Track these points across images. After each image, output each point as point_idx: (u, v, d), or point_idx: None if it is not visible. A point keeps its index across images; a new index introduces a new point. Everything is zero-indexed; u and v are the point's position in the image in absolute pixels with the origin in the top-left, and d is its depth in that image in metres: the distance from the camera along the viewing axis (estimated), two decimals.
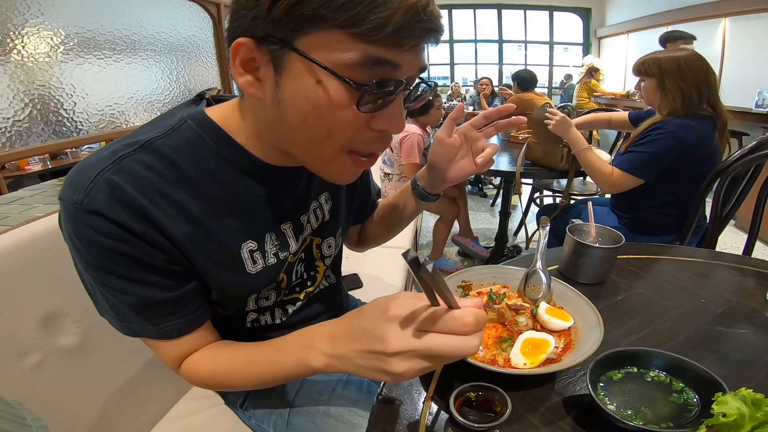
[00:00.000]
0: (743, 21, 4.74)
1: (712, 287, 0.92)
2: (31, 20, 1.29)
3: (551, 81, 9.05)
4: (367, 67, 0.45)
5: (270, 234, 0.68)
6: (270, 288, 0.72)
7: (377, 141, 0.54)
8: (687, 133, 1.48)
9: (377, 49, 0.44)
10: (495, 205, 4.31)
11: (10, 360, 0.71)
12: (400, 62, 0.47)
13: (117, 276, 0.54)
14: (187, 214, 0.57)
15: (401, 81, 0.49)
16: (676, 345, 0.72)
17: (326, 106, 0.48)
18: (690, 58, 1.51)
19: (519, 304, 0.73)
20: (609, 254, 0.89)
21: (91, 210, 0.50)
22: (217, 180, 0.60)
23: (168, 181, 0.55)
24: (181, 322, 0.60)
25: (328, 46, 0.45)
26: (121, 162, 0.53)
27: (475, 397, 0.57)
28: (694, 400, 0.55)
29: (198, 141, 0.58)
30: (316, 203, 0.77)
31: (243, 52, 0.49)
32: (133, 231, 0.52)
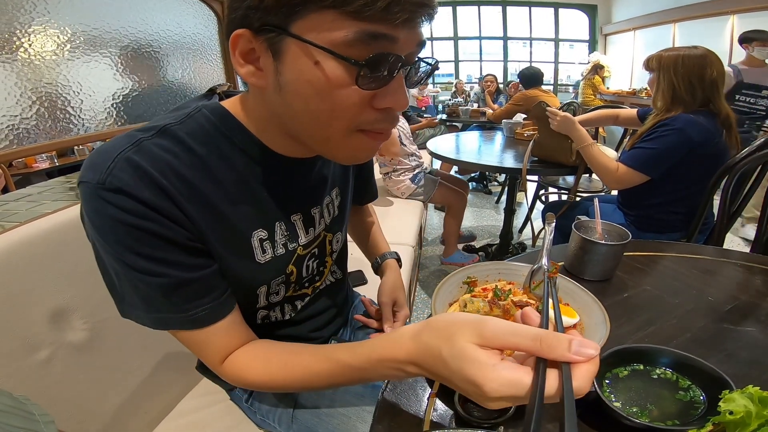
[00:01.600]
0: (751, 18, 4.69)
1: (719, 285, 0.91)
2: (37, 18, 1.30)
3: (557, 78, 8.99)
4: (363, 43, 0.45)
5: (280, 223, 0.68)
6: (280, 281, 0.72)
7: (383, 120, 0.54)
8: (694, 130, 1.47)
9: (371, 25, 0.45)
10: (500, 202, 4.30)
11: (19, 355, 0.72)
12: (397, 36, 0.46)
13: (144, 257, 0.53)
14: (202, 197, 0.57)
15: (400, 56, 0.48)
16: (682, 342, 0.71)
17: (327, 86, 0.48)
18: (690, 55, 1.52)
19: (524, 300, 0.73)
20: (615, 251, 0.89)
21: (114, 188, 0.50)
22: (230, 166, 0.61)
23: (184, 163, 0.56)
24: (210, 307, 0.59)
25: (323, 26, 0.45)
26: (141, 144, 0.54)
27: None
28: (700, 397, 0.55)
29: (211, 128, 0.60)
30: (329, 198, 0.78)
31: (241, 43, 0.50)
32: (157, 208, 0.52)
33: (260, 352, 0.63)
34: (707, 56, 1.51)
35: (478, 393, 0.39)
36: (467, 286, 0.79)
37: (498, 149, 2.66)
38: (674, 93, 1.55)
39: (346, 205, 0.85)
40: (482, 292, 0.77)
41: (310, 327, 0.85)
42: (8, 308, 0.71)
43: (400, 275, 1.05)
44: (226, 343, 0.63)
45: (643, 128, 1.65)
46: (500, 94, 5.30)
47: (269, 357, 0.62)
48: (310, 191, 0.73)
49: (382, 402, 0.61)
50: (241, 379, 0.63)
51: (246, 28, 0.48)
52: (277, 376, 0.61)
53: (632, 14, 7.10)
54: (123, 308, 0.60)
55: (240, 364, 0.63)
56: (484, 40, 9.24)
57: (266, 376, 0.61)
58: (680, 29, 5.97)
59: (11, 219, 0.94)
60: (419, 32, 0.50)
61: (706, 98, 1.52)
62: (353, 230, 1.14)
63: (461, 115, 4.68)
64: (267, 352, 0.63)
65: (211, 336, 0.61)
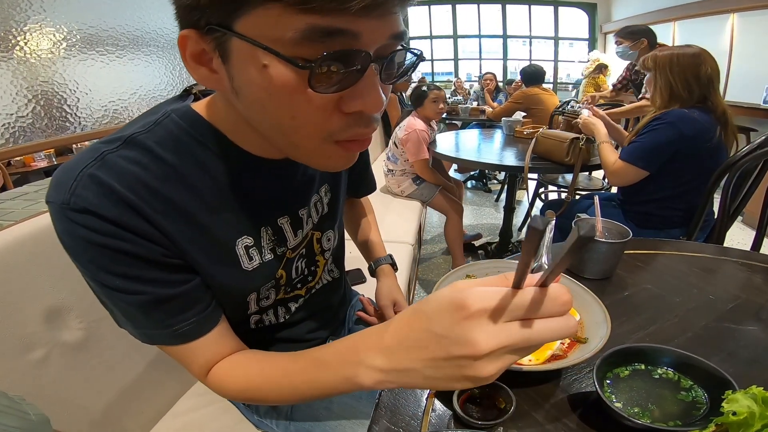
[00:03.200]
0: (751, 17, 4.68)
1: (720, 283, 0.91)
2: (33, 17, 1.29)
3: (556, 76, 8.99)
4: (316, 41, 0.39)
5: (266, 228, 0.65)
6: (269, 286, 0.70)
7: (355, 125, 0.47)
8: (686, 124, 1.50)
9: (323, 18, 0.38)
10: (499, 200, 4.30)
11: (14, 354, 0.71)
12: (359, 29, 0.39)
13: (119, 276, 0.51)
14: (177, 209, 0.54)
15: (361, 51, 0.41)
16: (684, 342, 0.71)
17: (279, 91, 0.42)
18: (684, 53, 1.55)
19: None
20: (616, 249, 0.88)
21: (79, 208, 0.48)
22: (207, 173, 0.57)
23: (154, 175, 0.52)
24: (195, 322, 0.57)
25: (268, 23, 0.39)
26: (104, 158, 0.50)
27: (479, 393, 0.56)
28: (702, 398, 0.54)
29: (182, 134, 0.56)
30: (317, 196, 0.75)
31: (190, 45, 0.45)
32: (127, 226, 0.50)
33: (242, 360, 0.61)
34: (701, 54, 1.54)
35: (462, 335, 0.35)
36: None
37: (498, 147, 2.66)
38: (671, 91, 1.58)
39: (338, 202, 0.83)
40: None
41: (306, 328, 0.83)
42: (3, 307, 0.70)
43: (395, 279, 1.05)
44: (212, 356, 0.60)
45: (639, 125, 1.68)
46: (499, 92, 5.30)
47: (249, 364, 0.60)
48: (296, 192, 0.70)
49: (380, 402, 0.60)
50: (223, 389, 0.60)
51: (192, 28, 0.43)
52: (255, 382, 0.58)
53: (632, 12, 7.09)
54: (116, 320, 0.59)
55: (222, 374, 0.60)
56: (483, 38, 9.23)
57: (246, 383, 0.58)
58: (680, 27, 5.97)
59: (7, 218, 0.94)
60: (392, 22, 0.42)
61: (702, 95, 1.55)
62: (349, 224, 1.12)
63: (461, 114, 4.68)
64: (248, 360, 0.61)
65: (197, 350, 0.59)
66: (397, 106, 3.98)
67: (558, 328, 0.35)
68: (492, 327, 0.35)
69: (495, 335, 0.35)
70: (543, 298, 0.35)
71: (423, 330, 0.38)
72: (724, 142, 1.55)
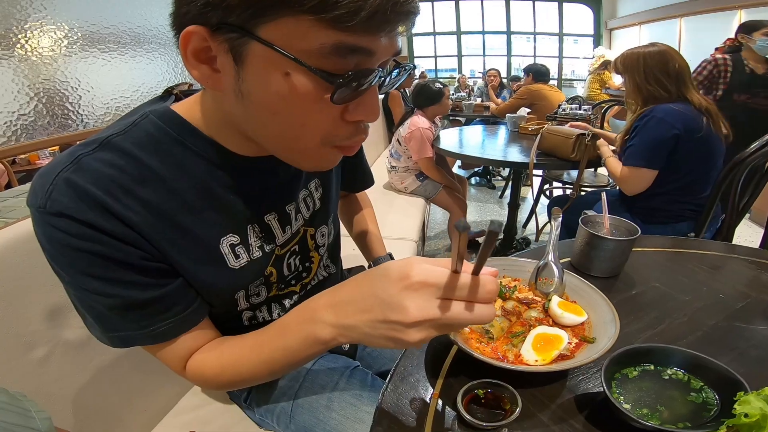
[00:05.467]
0: (759, 13, 4.65)
1: (729, 281, 0.89)
2: (34, 14, 1.29)
3: (561, 73, 8.96)
4: (340, 56, 0.42)
5: (252, 226, 0.65)
6: (259, 283, 0.70)
7: (356, 134, 0.52)
8: (674, 117, 1.54)
9: (350, 36, 0.41)
10: (503, 197, 4.29)
11: (17, 353, 0.72)
12: (375, 49, 0.43)
13: (96, 278, 0.52)
14: (157, 211, 0.54)
15: (373, 69, 0.45)
16: (693, 341, 0.69)
17: (298, 99, 0.45)
18: (650, 52, 1.61)
19: (530, 297, 0.71)
20: (624, 246, 0.86)
21: (55, 212, 0.48)
22: (187, 173, 0.57)
23: (132, 177, 0.52)
24: (174, 321, 0.58)
25: (296, 34, 0.41)
26: (80, 161, 0.50)
27: (483, 394, 0.55)
28: (713, 399, 0.53)
29: (160, 134, 0.56)
30: (306, 191, 0.75)
31: (195, 41, 0.45)
32: (103, 229, 0.50)
33: (213, 345, 0.62)
34: (667, 51, 1.59)
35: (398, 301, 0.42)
36: None
37: (502, 143, 2.65)
38: (645, 91, 1.62)
39: (331, 197, 0.82)
40: None
41: None
42: (5, 305, 0.70)
43: None
44: (189, 351, 0.61)
45: (624, 129, 1.72)
46: (503, 89, 5.29)
47: (221, 347, 0.62)
48: (281, 188, 0.70)
49: (383, 403, 0.59)
50: (201, 377, 0.61)
51: (201, 25, 0.43)
52: (229, 361, 0.59)
53: (637, 9, 7.05)
54: (86, 324, 0.60)
55: (197, 363, 0.61)
56: (487, 34, 9.20)
57: (220, 366, 0.60)
58: (686, 24, 5.94)
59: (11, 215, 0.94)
60: (396, 41, 0.47)
61: (678, 91, 1.58)
62: (345, 219, 1.11)
63: (464, 110, 4.67)
64: (219, 343, 0.62)
65: (175, 347, 0.60)
66: (400, 103, 3.97)
67: (479, 313, 0.42)
68: (424, 300, 0.42)
69: (425, 308, 0.42)
70: (472, 284, 0.42)
71: (369, 293, 0.45)
72: (715, 132, 1.57)
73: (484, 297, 0.42)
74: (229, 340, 0.62)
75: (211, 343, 0.63)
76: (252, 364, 0.57)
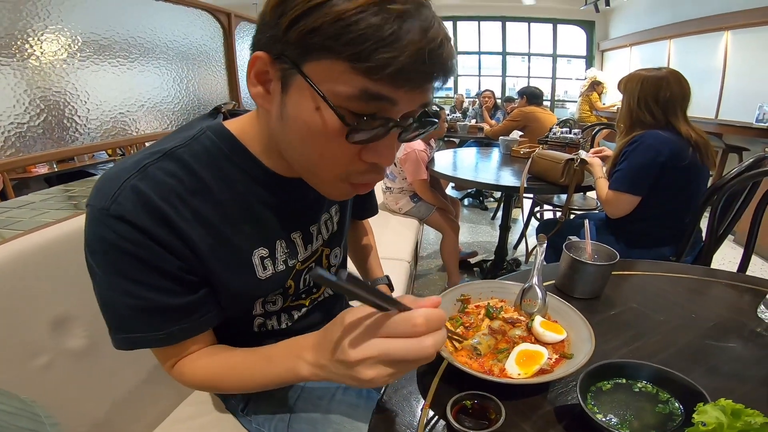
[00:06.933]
0: (745, 34, 4.76)
1: (704, 303, 0.94)
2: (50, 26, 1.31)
3: (554, 94, 9.09)
4: (363, 101, 0.47)
5: (281, 241, 0.71)
6: (277, 293, 0.75)
7: (370, 173, 0.56)
8: (661, 144, 1.55)
9: (375, 85, 0.46)
10: (495, 218, 4.33)
11: (20, 360, 0.74)
12: (398, 99, 0.48)
13: (129, 280, 0.56)
14: (203, 219, 0.60)
15: (391, 119, 0.50)
16: (666, 357, 0.74)
17: (321, 132, 0.50)
18: (650, 77, 1.60)
19: (515, 317, 0.76)
20: (604, 271, 0.92)
21: (117, 215, 0.53)
22: (232, 187, 0.63)
23: (186, 187, 0.58)
24: (185, 328, 0.62)
25: (331, 75, 0.46)
26: (146, 170, 0.56)
27: (471, 404, 0.59)
28: (678, 410, 0.57)
29: (215, 150, 0.62)
30: (327, 215, 0.81)
31: (259, 64, 0.52)
32: (155, 237, 0.55)
33: (202, 355, 0.66)
34: (665, 78, 1.58)
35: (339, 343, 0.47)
36: (461, 303, 0.82)
37: (494, 166, 2.68)
38: (632, 114, 1.65)
39: (345, 222, 0.88)
40: (475, 309, 0.80)
41: None
42: (11, 315, 0.73)
43: None
44: (184, 352, 0.66)
45: (614, 152, 1.73)
46: (498, 110, 5.34)
47: (211, 358, 0.66)
48: (307, 210, 0.76)
49: (377, 413, 0.63)
50: (185, 379, 0.66)
51: (266, 52, 0.50)
52: (216, 374, 0.64)
53: (629, 30, 7.21)
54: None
55: (185, 367, 0.66)
56: (483, 54, 9.33)
57: (206, 375, 0.65)
58: (675, 45, 6.06)
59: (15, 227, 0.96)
60: (425, 95, 0.51)
61: (666, 119, 1.60)
62: (350, 244, 1.15)
63: (459, 131, 4.72)
64: (208, 354, 0.67)
65: (176, 349, 0.65)
66: None
67: (410, 348, 0.44)
68: (356, 340, 0.46)
69: (357, 347, 0.45)
70: (395, 320, 0.44)
71: (328, 336, 0.50)
72: (701, 162, 1.59)
73: (411, 332, 0.44)
74: (218, 354, 0.67)
75: (201, 351, 0.67)
76: (235, 380, 0.64)
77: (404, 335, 0.45)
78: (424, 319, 0.44)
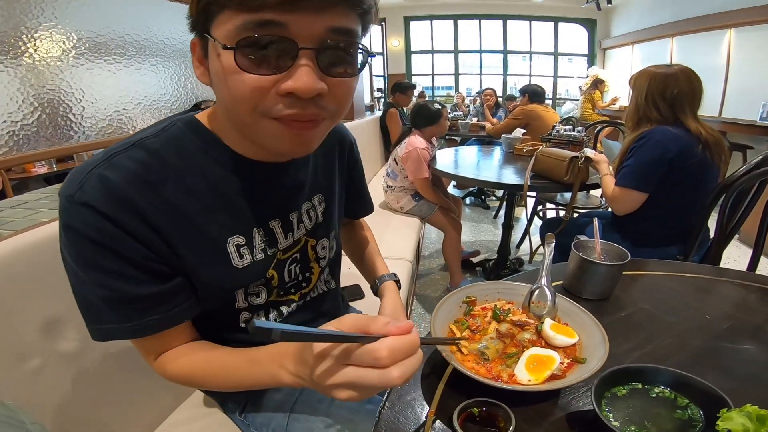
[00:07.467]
0: (748, 32, 4.74)
1: (716, 303, 0.92)
2: (44, 24, 1.29)
3: (555, 92, 9.09)
4: (251, 31, 0.48)
5: (258, 230, 0.70)
6: (259, 284, 0.73)
7: (292, 106, 0.53)
8: (669, 140, 1.53)
9: (254, 14, 0.47)
10: (498, 216, 4.31)
11: (10, 363, 0.72)
12: (285, 20, 0.48)
13: (99, 269, 0.57)
14: (174, 208, 0.60)
15: (284, 38, 0.49)
16: (680, 360, 0.72)
17: (222, 74, 0.52)
18: (659, 73, 1.59)
19: (524, 320, 0.73)
20: (614, 271, 0.89)
21: (82, 202, 0.54)
22: (205, 177, 0.64)
23: (156, 174, 0.59)
24: (159, 319, 0.62)
25: (223, 24, 0.50)
26: (113, 159, 0.57)
27: (478, 412, 0.57)
28: (698, 416, 0.55)
29: (185, 139, 0.63)
30: (309, 204, 0.80)
31: (197, 50, 0.57)
32: (120, 224, 0.55)
33: (186, 351, 0.67)
34: (675, 75, 1.57)
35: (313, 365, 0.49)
36: (467, 306, 0.79)
37: (496, 164, 2.67)
38: (639, 110, 1.63)
39: (333, 213, 0.86)
40: (482, 312, 0.77)
41: None
42: (2, 316, 0.71)
43: (399, 297, 1.01)
44: (164, 347, 0.67)
45: (622, 148, 1.71)
46: (499, 108, 5.33)
47: (194, 355, 0.67)
48: (286, 197, 0.75)
49: (380, 420, 0.60)
50: (167, 374, 0.67)
51: (197, 37, 0.56)
52: (197, 371, 0.66)
53: (630, 28, 7.21)
54: None
55: (167, 361, 0.67)
56: (484, 53, 9.33)
57: (189, 372, 0.66)
58: (678, 43, 6.05)
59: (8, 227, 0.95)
60: (329, 17, 0.50)
61: (674, 116, 1.58)
62: (347, 245, 1.13)
63: (460, 129, 4.71)
64: (192, 351, 0.68)
65: (155, 340, 0.65)
66: (397, 121, 3.99)
67: (374, 378, 0.45)
68: (325, 365, 0.47)
69: (326, 372, 0.47)
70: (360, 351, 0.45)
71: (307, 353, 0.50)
72: (711, 160, 1.56)
73: (375, 364, 0.45)
74: (203, 351, 0.68)
75: (185, 347, 0.68)
76: (217, 379, 0.65)
77: (367, 366, 0.45)
78: (387, 352, 0.45)
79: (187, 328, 0.69)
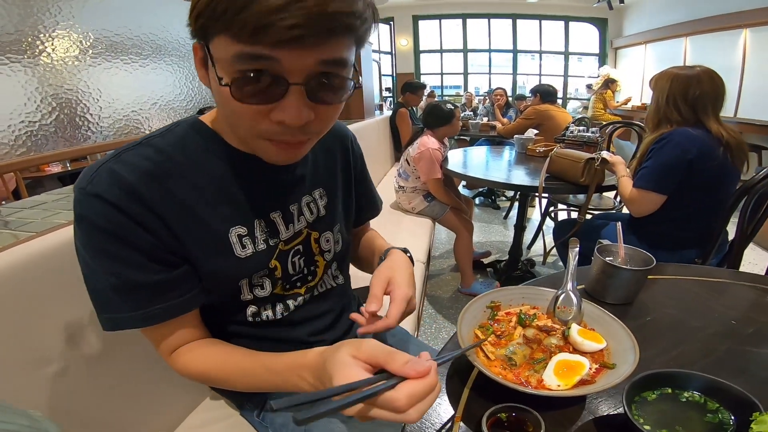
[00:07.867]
0: (765, 32, 4.68)
1: (740, 307, 0.91)
2: (62, 23, 1.30)
3: (566, 91, 9.03)
4: (246, 64, 0.50)
5: (259, 221, 0.73)
6: (262, 274, 0.75)
7: (282, 133, 0.57)
8: (689, 142, 1.51)
9: (248, 47, 0.49)
10: (508, 217, 4.29)
11: (32, 367, 0.71)
12: (277, 56, 0.49)
13: (107, 256, 0.60)
14: (179, 200, 0.63)
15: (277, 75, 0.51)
16: (707, 365, 0.71)
17: (222, 98, 0.55)
18: (681, 74, 1.57)
19: (549, 325, 0.72)
20: (640, 276, 0.88)
21: (93, 193, 0.57)
22: (207, 172, 0.67)
23: (162, 169, 0.63)
24: (167, 306, 0.65)
25: (222, 47, 0.51)
26: (122, 156, 0.61)
27: (507, 417, 0.56)
28: (729, 420, 0.54)
29: (188, 138, 0.67)
30: (309, 197, 0.81)
31: (199, 53, 0.57)
32: (128, 213, 0.59)
33: (203, 350, 0.70)
34: (697, 76, 1.55)
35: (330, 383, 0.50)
36: (491, 311, 0.78)
37: (506, 165, 2.65)
38: (660, 111, 1.61)
39: (337, 207, 0.86)
40: (506, 317, 0.76)
41: (307, 330, 0.84)
42: (22, 321, 0.70)
43: (403, 259, 0.84)
44: (177, 340, 0.69)
45: (641, 150, 1.69)
46: (509, 108, 5.30)
47: (210, 355, 0.69)
48: (286, 190, 0.77)
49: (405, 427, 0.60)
50: (183, 371, 0.69)
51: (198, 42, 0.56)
52: (213, 371, 0.68)
53: (643, 28, 7.13)
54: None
55: (184, 358, 0.69)
56: (493, 52, 9.29)
57: (205, 370, 0.68)
58: (692, 43, 5.97)
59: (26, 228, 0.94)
60: (320, 51, 0.51)
61: (695, 117, 1.55)
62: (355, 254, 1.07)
63: (471, 129, 4.69)
64: (209, 351, 0.70)
65: (165, 331, 0.68)
66: (407, 121, 3.98)
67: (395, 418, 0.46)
68: None
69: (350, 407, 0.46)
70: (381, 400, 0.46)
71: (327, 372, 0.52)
72: (732, 163, 1.54)
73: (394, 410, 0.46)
74: (218, 351, 0.70)
75: (200, 348, 0.70)
76: (233, 381, 0.68)
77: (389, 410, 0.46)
78: (406, 400, 0.46)
79: (197, 323, 0.72)
